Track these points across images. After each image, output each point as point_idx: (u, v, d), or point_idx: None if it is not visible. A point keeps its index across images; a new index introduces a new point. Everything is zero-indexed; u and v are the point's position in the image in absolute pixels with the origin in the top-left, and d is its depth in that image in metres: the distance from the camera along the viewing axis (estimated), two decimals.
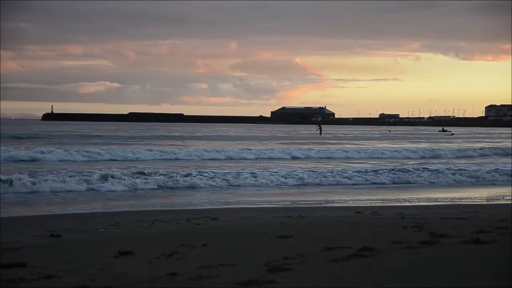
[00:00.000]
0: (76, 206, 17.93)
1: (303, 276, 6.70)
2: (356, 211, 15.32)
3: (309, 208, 17.18)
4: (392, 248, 8.14)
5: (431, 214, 14.08)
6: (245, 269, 7.22)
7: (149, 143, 56.67)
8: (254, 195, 21.49)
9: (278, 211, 15.85)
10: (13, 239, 10.82)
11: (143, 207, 17.63)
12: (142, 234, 11.32)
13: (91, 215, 15.44)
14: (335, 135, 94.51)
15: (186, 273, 7.13)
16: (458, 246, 8.16)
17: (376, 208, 16.70)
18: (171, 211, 16.37)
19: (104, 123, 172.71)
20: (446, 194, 21.92)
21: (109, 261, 8.28)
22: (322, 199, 20.26)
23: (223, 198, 20.37)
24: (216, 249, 9.19)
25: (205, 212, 15.67)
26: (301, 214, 14.44)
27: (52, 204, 18.42)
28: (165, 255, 8.59)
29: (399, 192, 22.72)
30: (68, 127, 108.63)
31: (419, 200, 19.78)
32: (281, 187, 24.57)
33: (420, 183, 26.77)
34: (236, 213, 15.22)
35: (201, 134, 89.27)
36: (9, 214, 15.73)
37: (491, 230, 9.52)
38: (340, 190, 23.57)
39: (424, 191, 23.58)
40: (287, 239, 9.74)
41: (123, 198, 20.18)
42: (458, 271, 6.59)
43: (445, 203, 18.92)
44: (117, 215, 15.15)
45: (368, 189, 24.01)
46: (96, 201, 19.22)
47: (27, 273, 7.46)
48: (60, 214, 15.91)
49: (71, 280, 7.12)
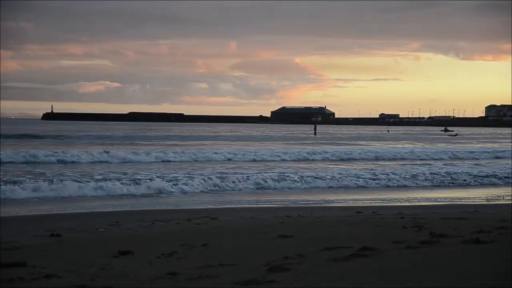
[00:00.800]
0: (76, 205, 17.93)
1: (303, 276, 6.70)
2: (356, 211, 15.32)
3: (309, 208, 17.18)
4: (392, 248, 8.14)
5: (431, 214, 14.08)
6: (245, 269, 7.21)
7: (202, 143, 57.28)
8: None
9: (278, 211, 15.85)
10: (13, 238, 10.81)
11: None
12: (142, 234, 11.32)
13: (90, 214, 15.44)
14: (332, 135, 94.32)
15: (186, 272, 7.13)
16: (458, 246, 8.16)
17: (376, 208, 16.69)
18: (171, 210, 16.37)
19: (128, 123, 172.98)
20: (446, 194, 21.91)
21: (109, 261, 8.27)
22: (321, 198, 20.26)
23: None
24: (216, 249, 9.18)
25: (205, 212, 15.67)
26: (301, 214, 14.44)
27: (52, 203, 18.42)
28: (165, 255, 8.59)
29: (399, 192, 22.72)
30: (98, 127, 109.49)
31: (419, 200, 19.77)
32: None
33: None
34: (236, 213, 15.22)
35: (219, 134, 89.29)
36: (9, 213, 15.73)
37: (491, 230, 9.52)
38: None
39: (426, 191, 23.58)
40: (287, 239, 9.73)
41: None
42: (458, 271, 6.59)
43: (445, 203, 18.92)
44: (116, 214, 15.15)
45: (367, 189, 23.97)
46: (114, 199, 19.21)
47: (27, 273, 7.46)
48: (60, 214, 15.92)
49: (71, 279, 7.12)
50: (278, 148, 49.70)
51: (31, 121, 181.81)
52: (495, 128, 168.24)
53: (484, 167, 32.79)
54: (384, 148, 51.42)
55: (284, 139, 74.41)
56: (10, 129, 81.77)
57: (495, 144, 65.11)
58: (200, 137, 75.63)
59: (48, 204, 18.33)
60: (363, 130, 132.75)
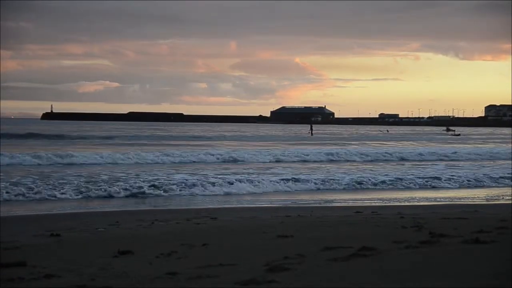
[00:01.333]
0: (75, 205, 17.93)
1: (303, 276, 6.70)
2: (356, 211, 15.32)
3: (308, 208, 17.18)
4: (392, 248, 8.14)
5: (431, 214, 14.08)
6: (245, 269, 7.21)
7: (228, 144, 57.29)
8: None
9: (278, 211, 15.85)
10: (13, 238, 10.81)
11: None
12: (141, 234, 11.32)
13: (90, 214, 15.44)
14: (330, 135, 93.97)
15: (186, 272, 7.13)
16: (458, 246, 8.17)
17: (376, 208, 16.69)
18: (171, 210, 16.37)
19: (132, 123, 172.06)
20: (446, 194, 21.91)
21: (109, 261, 8.27)
22: (321, 198, 20.26)
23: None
24: (216, 248, 9.18)
25: (205, 211, 15.68)
26: (301, 214, 14.44)
27: (51, 203, 18.41)
28: (164, 255, 8.59)
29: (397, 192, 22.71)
30: (109, 126, 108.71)
31: (418, 200, 19.77)
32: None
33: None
34: (236, 213, 15.22)
35: (228, 134, 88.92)
36: (9, 213, 15.73)
37: (491, 230, 9.52)
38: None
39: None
40: (287, 239, 9.73)
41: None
42: (458, 271, 6.60)
43: (445, 203, 18.92)
44: (116, 214, 15.15)
45: (367, 189, 23.95)
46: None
47: (27, 273, 7.45)
48: (60, 214, 15.91)
49: (71, 279, 7.11)
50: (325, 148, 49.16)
51: (31, 121, 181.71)
52: (494, 128, 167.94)
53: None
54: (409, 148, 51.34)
55: (299, 139, 74.76)
56: (41, 129, 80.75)
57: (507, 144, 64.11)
58: (226, 138, 75.12)
59: (48, 203, 18.33)
60: (363, 130, 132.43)
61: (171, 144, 55.55)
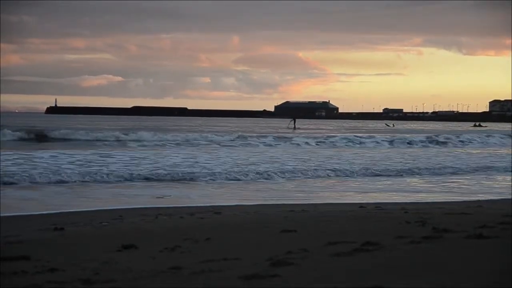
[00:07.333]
0: (79, 199, 17.93)
1: (306, 270, 6.70)
2: (359, 205, 15.31)
3: (312, 202, 17.15)
4: (395, 243, 8.14)
5: (434, 209, 14.06)
6: (248, 263, 7.22)
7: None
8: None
9: (281, 205, 15.84)
10: (17, 232, 10.83)
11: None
12: (145, 228, 11.33)
13: (94, 208, 15.44)
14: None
15: (189, 267, 7.14)
16: (461, 241, 8.16)
17: (379, 202, 16.67)
18: (174, 205, 16.36)
19: (138, 117, 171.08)
20: (449, 189, 21.87)
21: (112, 255, 8.28)
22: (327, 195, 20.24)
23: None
24: (220, 243, 9.18)
25: (209, 206, 15.67)
26: (304, 209, 14.43)
27: (55, 197, 18.42)
28: (168, 249, 8.60)
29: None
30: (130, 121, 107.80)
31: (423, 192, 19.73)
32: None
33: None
34: (239, 207, 15.21)
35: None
36: (12, 207, 15.74)
37: (494, 225, 9.51)
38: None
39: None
40: (290, 234, 9.73)
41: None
42: (461, 266, 6.59)
43: (449, 197, 18.88)
44: (120, 209, 15.16)
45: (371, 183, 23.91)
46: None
47: (30, 267, 7.47)
48: (63, 208, 15.90)
49: (74, 273, 7.13)
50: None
51: (35, 115, 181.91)
52: (497, 123, 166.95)
53: None
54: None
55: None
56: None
57: None
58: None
59: (52, 198, 18.34)
60: (371, 124, 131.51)
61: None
